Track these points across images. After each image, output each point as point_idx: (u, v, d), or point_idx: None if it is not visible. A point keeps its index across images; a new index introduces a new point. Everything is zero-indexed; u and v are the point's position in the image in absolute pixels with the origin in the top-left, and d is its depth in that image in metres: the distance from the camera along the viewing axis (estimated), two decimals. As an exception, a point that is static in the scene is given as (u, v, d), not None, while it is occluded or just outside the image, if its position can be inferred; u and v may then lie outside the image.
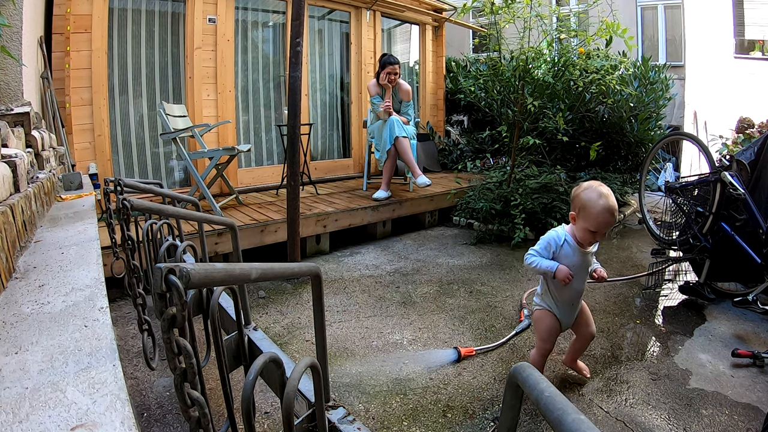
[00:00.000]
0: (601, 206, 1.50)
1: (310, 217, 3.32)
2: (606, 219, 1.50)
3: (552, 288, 1.67)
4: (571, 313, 1.70)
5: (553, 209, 3.70)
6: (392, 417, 1.60)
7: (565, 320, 1.69)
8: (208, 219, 1.64)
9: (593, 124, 4.54)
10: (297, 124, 2.74)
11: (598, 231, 1.53)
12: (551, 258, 1.63)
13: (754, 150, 2.34)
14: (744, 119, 4.91)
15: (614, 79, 3.77)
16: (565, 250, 1.62)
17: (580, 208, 1.55)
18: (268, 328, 2.26)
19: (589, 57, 4.00)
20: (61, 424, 0.58)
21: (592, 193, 1.53)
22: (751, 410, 1.61)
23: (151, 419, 1.59)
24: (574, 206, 1.59)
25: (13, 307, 0.94)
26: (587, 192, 1.54)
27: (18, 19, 2.34)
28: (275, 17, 4.64)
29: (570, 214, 1.61)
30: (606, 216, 1.50)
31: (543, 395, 0.49)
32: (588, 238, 1.56)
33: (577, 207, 1.57)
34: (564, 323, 1.70)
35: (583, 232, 1.56)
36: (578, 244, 1.61)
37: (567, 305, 1.68)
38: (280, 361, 0.80)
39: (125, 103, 3.75)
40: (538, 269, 1.63)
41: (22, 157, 1.58)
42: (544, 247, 1.64)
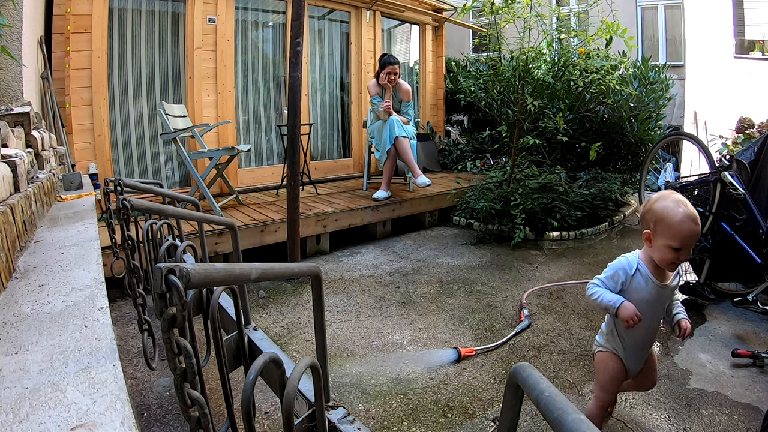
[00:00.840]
0: (682, 213, 1.25)
1: (310, 217, 3.32)
2: (691, 228, 1.25)
3: (619, 327, 1.39)
4: (641, 357, 1.43)
5: (553, 209, 3.70)
6: (392, 417, 1.60)
7: (632, 366, 1.42)
8: (208, 219, 1.64)
9: (593, 124, 4.54)
10: (297, 124, 2.74)
11: (684, 246, 1.26)
12: (618, 290, 1.36)
13: (754, 150, 2.34)
14: (744, 119, 4.91)
15: (614, 79, 3.77)
16: (637, 282, 1.34)
17: (656, 221, 1.29)
18: (268, 328, 2.26)
19: (589, 57, 4.00)
20: (61, 424, 0.58)
21: (667, 201, 1.29)
22: (751, 410, 1.61)
23: (151, 419, 1.59)
24: (646, 223, 1.33)
25: (13, 307, 0.94)
26: (661, 201, 1.31)
27: (18, 19, 2.34)
28: (275, 17, 4.64)
29: (644, 234, 1.33)
30: (690, 224, 1.25)
31: (543, 395, 0.49)
32: (670, 257, 1.28)
33: (651, 222, 1.31)
34: (631, 370, 1.42)
35: (664, 251, 1.28)
36: (654, 274, 1.33)
37: (636, 348, 1.41)
38: (280, 361, 0.80)
39: (125, 103, 3.75)
40: (599, 304, 1.36)
41: (22, 157, 1.58)
42: (611, 276, 1.38)
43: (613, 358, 1.41)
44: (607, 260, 3.38)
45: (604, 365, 1.42)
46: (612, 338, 1.42)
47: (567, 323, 2.28)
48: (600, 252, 3.38)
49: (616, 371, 1.40)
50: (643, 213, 1.36)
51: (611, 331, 1.42)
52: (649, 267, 1.34)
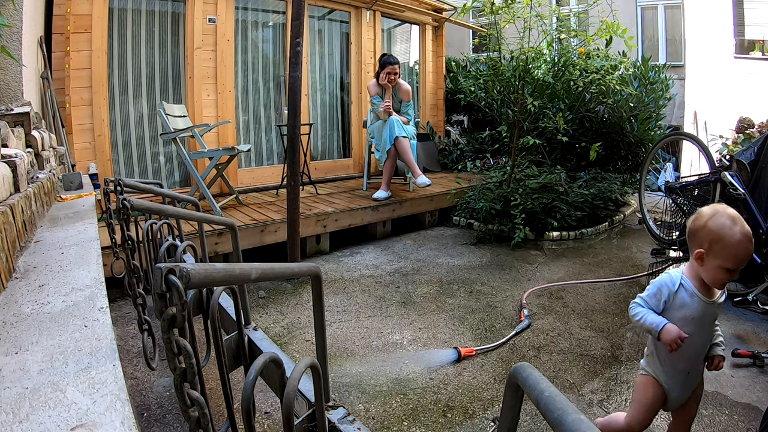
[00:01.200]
0: (740, 233, 1.17)
1: (310, 217, 3.32)
2: (747, 249, 1.17)
3: (661, 352, 1.28)
4: (686, 385, 1.30)
5: (553, 209, 3.70)
6: (392, 417, 1.60)
7: (674, 394, 1.30)
8: (208, 219, 1.64)
9: (593, 124, 4.54)
10: (297, 124, 2.74)
11: (737, 267, 1.18)
12: (662, 309, 1.26)
13: (754, 150, 2.34)
14: (744, 119, 4.91)
15: (614, 79, 3.77)
16: (681, 299, 1.25)
17: (712, 241, 1.19)
18: (268, 328, 2.26)
19: (589, 57, 4.00)
20: (61, 424, 0.58)
21: (723, 219, 1.19)
22: (751, 410, 1.61)
23: (151, 419, 1.59)
24: (699, 242, 1.23)
25: (13, 307, 0.94)
26: (716, 219, 1.20)
27: (18, 19, 2.34)
28: (275, 17, 4.64)
29: (696, 254, 1.22)
30: (747, 245, 1.17)
31: (543, 395, 0.49)
32: (722, 278, 1.20)
33: (706, 241, 1.21)
34: (672, 398, 1.30)
35: (717, 272, 1.20)
36: (700, 290, 1.24)
37: (680, 374, 1.29)
38: (280, 361, 0.80)
39: (125, 103, 3.75)
40: (642, 325, 1.26)
41: (22, 157, 1.58)
42: (654, 293, 1.28)
43: (652, 384, 1.30)
44: (607, 260, 3.38)
45: (640, 390, 1.33)
46: (653, 362, 1.32)
47: (567, 323, 2.28)
48: (600, 252, 3.38)
49: (652, 398, 1.30)
50: (695, 230, 1.25)
51: (652, 353, 1.32)
52: (695, 283, 1.25)
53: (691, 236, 1.27)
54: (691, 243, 1.26)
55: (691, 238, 1.27)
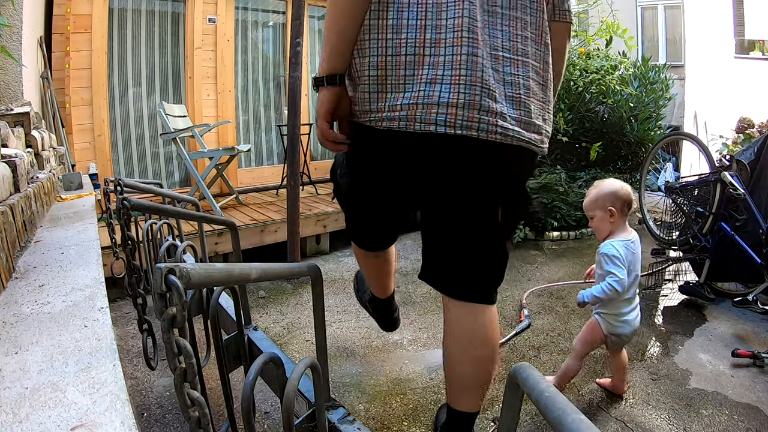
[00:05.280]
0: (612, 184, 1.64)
1: (310, 217, 3.32)
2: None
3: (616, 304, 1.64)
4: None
5: (553, 209, 3.70)
6: (392, 417, 1.60)
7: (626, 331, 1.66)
8: (208, 219, 1.64)
9: (593, 124, 4.54)
10: (297, 124, 2.74)
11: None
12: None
13: (754, 150, 2.34)
14: (744, 119, 4.91)
15: (614, 79, 3.77)
16: (627, 253, 1.60)
17: (614, 199, 1.60)
18: (268, 328, 2.26)
19: (589, 57, 4.00)
20: (61, 424, 0.58)
21: (613, 184, 1.63)
22: (751, 410, 1.61)
23: (151, 419, 1.59)
24: (606, 204, 1.60)
25: (13, 307, 0.94)
26: (606, 186, 1.62)
27: (18, 19, 2.34)
28: (275, 17, 4.64)
29: (610, 212, 1.59)
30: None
31: (543, 395, 0.49)
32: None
33: (609, 202, 1.60)
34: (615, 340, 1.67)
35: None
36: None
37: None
38: (280, 361, 0.80)
39: (125, 103, 3.75)
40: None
41: (22, 157, 1.58)
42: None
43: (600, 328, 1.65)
44: (607, 260, 3.34)
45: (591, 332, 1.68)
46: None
47: (567, 323, 2.28)
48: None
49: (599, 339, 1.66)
50: (601, 197, 1.62)
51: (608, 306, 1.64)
52: (616, 237, 1.62)
53: (604, 201, 1.60)
54: (600, 207, 1.61)
55: (604, 202, 1.60)
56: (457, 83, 0.93)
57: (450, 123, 0.94)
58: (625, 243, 1.57)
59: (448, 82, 0.94)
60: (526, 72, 1.00)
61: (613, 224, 1.59)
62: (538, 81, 1.03)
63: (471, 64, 0.93)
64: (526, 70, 1.00)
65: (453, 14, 0.93)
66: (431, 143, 0.99)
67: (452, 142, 0.97)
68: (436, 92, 0.94)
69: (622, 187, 1.60)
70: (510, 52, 0.98)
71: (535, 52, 1.02)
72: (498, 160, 1.03)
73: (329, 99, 1.05)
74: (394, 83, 0.98)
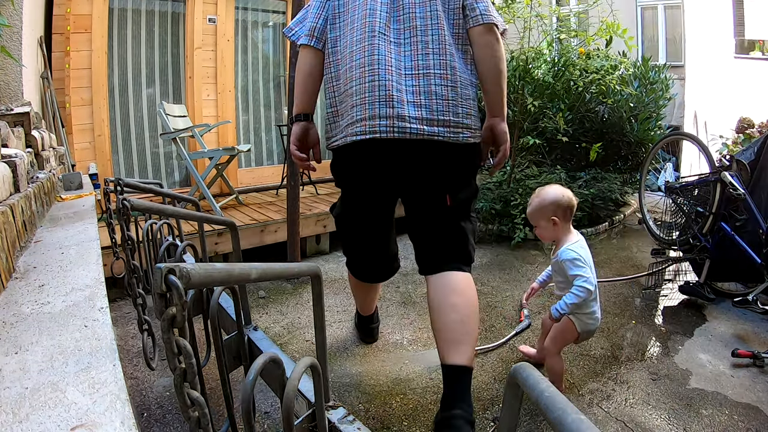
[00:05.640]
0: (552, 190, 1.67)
1: (310, 217, 3.32)
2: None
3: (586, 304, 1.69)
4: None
5: (553, 209, 3.70)
6: (392, 417, 1.60)
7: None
8: (208, 219, 1.64)
9: (593, 124, 4.53)
10: (297, 124, 2.73)
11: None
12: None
13: (754, 150, 2.34)
14: (744, 119, 4.91)
15: (614, 79, 3.77)
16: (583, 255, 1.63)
17: (557, 208, 1.63)
18: (268, 328, 2.26)
19: (589, 57, 4.00)
20: (61, 424, 0.58)
21: (557, 190, 1.66)
22: (751, 410, 1.61)
23: (151, 419, 1.59)
24: (550, 214, 1.63)
25: (13, 307, 0.94)
26: (548, 194, 1.66)
27: (18, 19, 2.34)
28: (275, 17, 4.64)
29: (554, 220, 1.63)
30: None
31: (543, 395, 0.49)
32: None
33: (551, 211, 1.63)
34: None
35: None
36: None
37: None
38: (280, 361, 0.80)
39: (125, 103, 3.75)
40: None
41: (22, 157, 1.58)
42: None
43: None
44: (607, 260, 3.38)
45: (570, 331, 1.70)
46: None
47: (567, 323, 2.28)
48: (600, 252, 3.38)
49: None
50: (547, 205, 1.64)
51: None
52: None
53: (546, 211, 1.62)
54: (543, 217, 1.63)
55: (546, 213, 1.62)
56: (363, 103, 1.33)
57: (363, 132, 1.34)
58: (579, 244, 1.61)
59: (360, 103, 1.34)
60: (428, 81, 1.34)
61: (558, 231, 1.63)
62: (443, 85, 1.35)
63: (371, 89, 1.32)
64: (428, 80, 1.34)
65: (359, 57, 1.35)
66: (366, 149, 1.37)
67: (376, 144, 1.35)
68: (355, 113, 1.35)
69: (563, 194, 1.62)
70: (412, 70, 1.35)
71: (438, 63, 1.35)
72: (417, 153, 1.37)
73: (298, 130, 1.51)
74: (341, 114, 1.42)
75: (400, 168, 1.40)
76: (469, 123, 1.39)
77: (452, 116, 1.35)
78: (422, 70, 1.35)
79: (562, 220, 1.61)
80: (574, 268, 1.56)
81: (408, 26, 1.37)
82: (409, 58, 1.35)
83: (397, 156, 1.37)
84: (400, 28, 1.38)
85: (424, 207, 1.45)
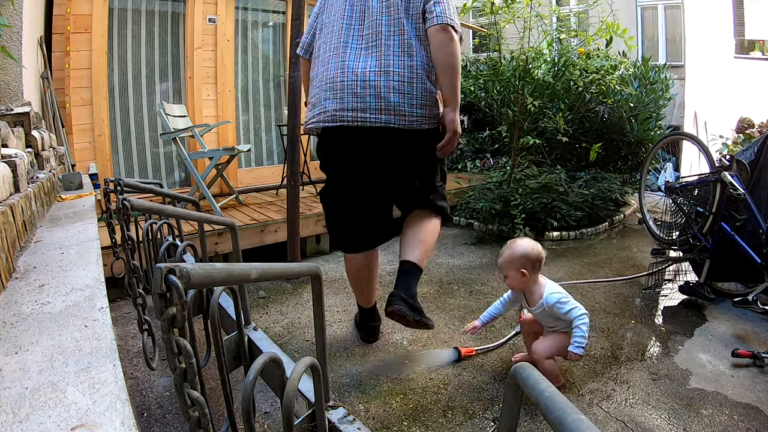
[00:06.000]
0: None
1: (310, 217, 3.32)
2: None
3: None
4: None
5: (553, 209, 3.70)
6: (392, 417, 1.60)
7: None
8: (208, 219, 1.64)
9: (593, 124, 4.53)
10: (297, 124, 2.74)
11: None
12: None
13: (754, 150, 2.34)
14: (744, 119, 4.91)
15: (614, 79, 3.77)
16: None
17: (536, 261, 1.72)
18: (268, 328, 2.26)
19: (589, 57, 4.00)
20: (61, 424, 0.58)
21: (528, 244, 1.75)
22: (751, 410, 1.61)
23: (151, 419, 1.59)
24: (518, 266, 1.71)
25: (13, 307, 0.94)
26: (521, 248, 1.73)
27: (18, 19, 2.34)
28: (275, 17, 4.64)
29: (523, 273, 1.70)
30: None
31: (543, 395, 0.49)
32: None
33: (522, 264, 1.71)
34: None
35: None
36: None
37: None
38: (280, 361, 0.80)
39: (125, 103, 3.75)
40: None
41: (22, 157, 1.58)
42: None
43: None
44: (607, 260, 3.38)
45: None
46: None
47: (567, 323, 2.28)
48: (600, 252, 3.38)
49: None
50: (523, 256, 1.71)
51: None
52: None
53: (516, 263, 1.71)
54: (513, 269, 1.71)
55: (516, 264, 1.70)
56: (335, 98, 1.67)
57: (333, 119, 1.68)
58: (552, 286, 1.74)
59: (331, 98, 1.68)
60: (387, 78, 1.63)
61: (526, 282, 1.72)
62: (401, 81, 1.63)
63: (341, 86, 1.66)
64: (388, 77, 1.63)
65: (334, 63, 1.69)
66: (338, 135, 1.73)
67: (345, 132, 1.70)
68: (328, 105, 1.69)
69: (533, 248, 1.72)
70: (377, 68, 1.64)
71: (398, 63, 1.63)
72: (379, 139, 1.69)
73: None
74: (314, 105, 1.76)
75: (367, 151, 1.73)
76: (423, 112, 1.67)
77: (407, 107, 1.64)
78: (384, 68, 1.64)
79: (530, 272, 1.70)
80: (565, 307, 1.67)
81: (375, 31, 1.66)
82: (374, 58, 1.65)
83: (363, 141, 1.71)
84: (369, 33, 1.67)
85: (396, 183, 1.83)
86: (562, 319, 1.70)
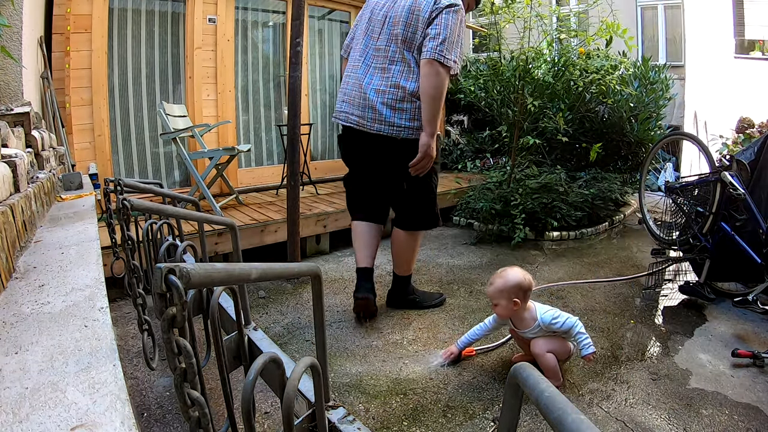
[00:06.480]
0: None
1: (310, 217, 3.32)
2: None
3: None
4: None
5: (553, 209, 3.70)
6: (392, 417, 1.60)
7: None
8: (208, 219, 1.64)
9: (593, 124, 4.54)
10: (297, 124, 2.74)
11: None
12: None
13: (754, 150, 2.34)
14: (744, 119, 4.92)
15: (614, 79, 3.77)
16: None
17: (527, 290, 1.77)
18: (268, 328, 2.26)
19: (589, 57, 4.00)
20: (61, 424, 0.58)
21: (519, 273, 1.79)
22: (751, 410, 1.61)
23: (151, 419, 1.59)
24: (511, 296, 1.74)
25: (13, 307, 0.94)
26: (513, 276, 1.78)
27: (18, 19, 2.34)
28: (275, 17, 4.64)
29: (515, 302, 1.74)
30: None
31: (543, 395, 0.49)
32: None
33: (514, 293, 1.74)
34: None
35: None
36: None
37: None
38: (280, 361, 0.80)
39: (125, 103, 3.75)
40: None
41: (22, 157, 1.58)
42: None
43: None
44: (607, 260, 3.38)
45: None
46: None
47: (567, 323, 2.28)
48: (600, 252, 3.38)
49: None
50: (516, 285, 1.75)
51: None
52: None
53: (508, 293, 1.73)
54: (505, 298, 1.75)
55: (509, 294, 1.74)
56: (350, 103, 2.17)
57: (346, 120, 2.18)
58: (542, 307, 1.80)
59: (347, 101, 2.18)
60: (383, 96, 2.07)
61: (517, 311, 1.76)
62: (392, 98, 2.06)
63: (351, 95, 2.16)
64: (383, 96, 2.07)
65: (353, 74, 2.18)
66: (349, 132, 2.23)
67: (352, 131, 2.19)
68: (344, 107, 2.20)
69: (524, 277, 1.76)
70: (378, 86, 2.08)
71: (392, 84, 2.06)
72: (374, 142, 2.14)
73: None
74: (341, 101, 2.23)
75: (367, 150, 2.21)
76: (408, 125, 2.07)
77: (396, 120, 2.06)
78: (383, 87, 2.07)
79: (522, 301, 1.74)
80: (559, 321, 1.74)
81: (383, 55, 2.09)
82: (378, 77, 2.09)
83: (363, 142, 2.18)
84: (379, 56, 2.11)
85: (387, 181, 2.27)
86: (556, 332, 1.76)
